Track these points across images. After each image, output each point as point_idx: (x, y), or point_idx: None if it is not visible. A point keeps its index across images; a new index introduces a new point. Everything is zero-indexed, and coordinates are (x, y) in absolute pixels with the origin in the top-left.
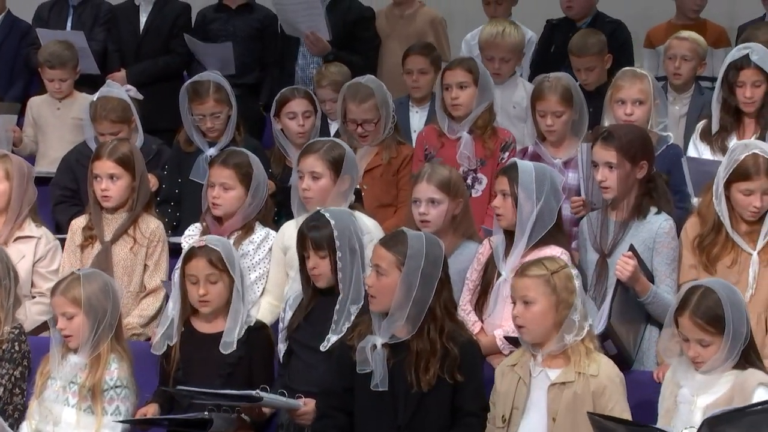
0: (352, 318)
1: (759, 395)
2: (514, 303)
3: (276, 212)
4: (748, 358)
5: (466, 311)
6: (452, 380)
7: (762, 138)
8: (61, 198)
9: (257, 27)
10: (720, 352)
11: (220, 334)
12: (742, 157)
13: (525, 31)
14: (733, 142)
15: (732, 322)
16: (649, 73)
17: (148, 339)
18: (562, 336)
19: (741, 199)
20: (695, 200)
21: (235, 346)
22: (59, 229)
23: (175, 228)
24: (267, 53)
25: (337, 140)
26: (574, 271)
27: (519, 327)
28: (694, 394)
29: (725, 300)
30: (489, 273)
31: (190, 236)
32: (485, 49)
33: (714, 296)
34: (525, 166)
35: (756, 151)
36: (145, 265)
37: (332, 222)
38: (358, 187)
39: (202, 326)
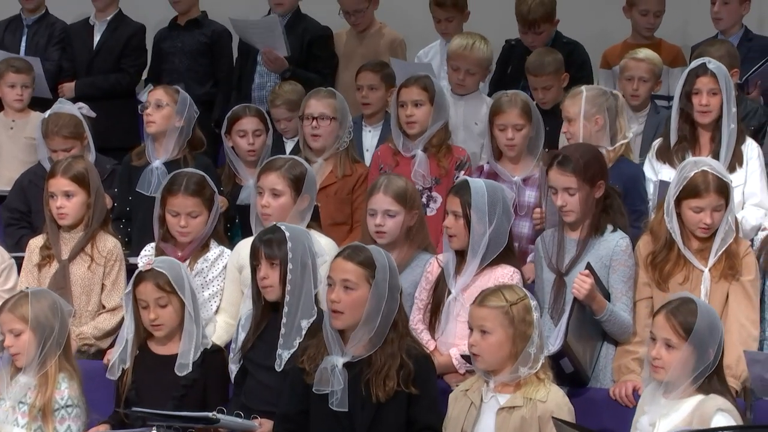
0: (303, 333)
1: (717, 421)
2: (471, 330)
3: (229, 229)
4: (712, 384)
5: (418, 330)
6: (407, 391)
7: (716, 155)
8: (9, 220)
9: (205, 42)
10: (681, 362)
11: (175, 356)
12: (692, 174)
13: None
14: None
15: (700, 335)
16: (589, 89)
17: (99, 351)
18: (518, 368)
19: (691, 217)
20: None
21: (190, 368)
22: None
23: (127, 244)
24: (218, 68)
25: (298, 158)
26: (533, 302)
27: (474, 355)
28: (657, 418)
29: (704, 313)
30: (439, 291)
31: (146, 257)
32: (452, 59)
33: (694, 306)
34: (477, 185)
35: (705, 168)
36: (103, 285)
37: (287, 234)
38: (317, 203)
39: (158, 348)
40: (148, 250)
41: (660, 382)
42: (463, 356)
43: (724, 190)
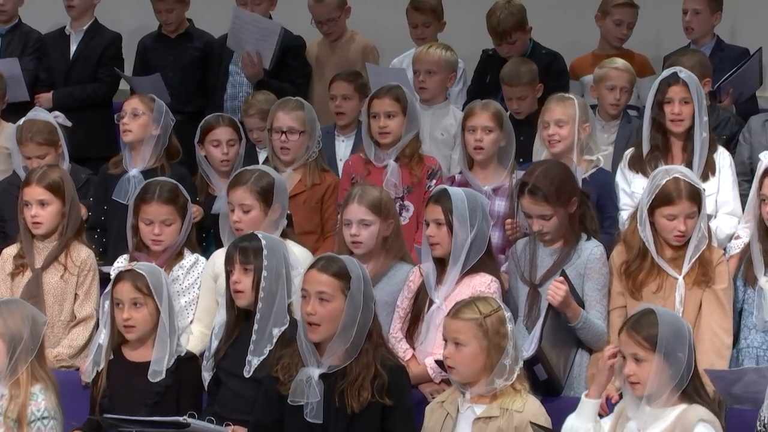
0: (274, 341)
1: (699, 431)
2: (446, 342)
3: (204, 239)
4: (694, 393)
5: (397, 339)
6: (382, 401)
7: (688, 164)
8: None
9: (198, 55)
10: (655, 373)
11: (148, 363)
12: (664, 182)
13: (458, 59)
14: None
15: (665, 342)
16: (577, 98)
17: (77, 370)
18: (493, 380)
19: (665, 224)
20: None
21: (164, 374)
22: None
23: (102, 254)
24: (210, 80)
25: (265, 168)
26: (507, 314)
27: (449, 367)
28: (641, 427)
29: (664, 320)
30: (420, 300)
31: (120, 268)
32: (414, 64)
33: (653, 316)
34: (456, 193)
35: (677, 176)
36: (76, 294)
37: (263, 242)
38: (289, 212)
39: (131, 354)
40: (121, 261)
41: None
42: (437, 362)
43: (696, 197)
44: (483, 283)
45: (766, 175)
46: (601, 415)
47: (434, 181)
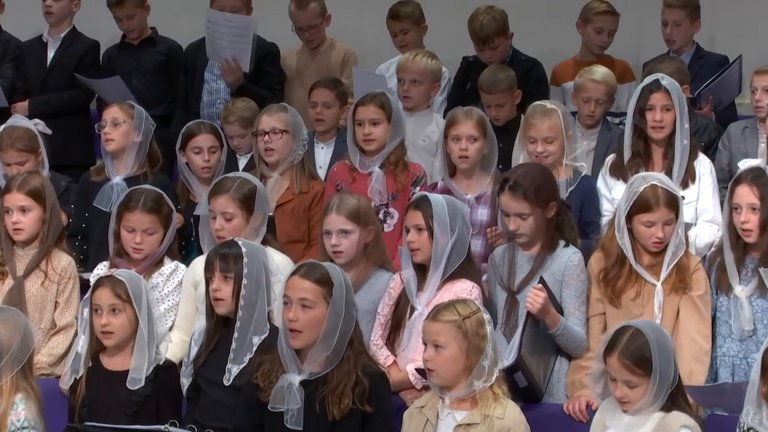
0: (254, 349)
1: None
2: (426, 345)
3: (184, 246)
4: (675, 400)
5: (378, 346)
6: (362, 408)
7: (669, 171)
8: None
9: (162, 59)
10: (647, 395)
11: (127, 372)
12: (641, 189)
13: (442, 66)
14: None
15: (659, 365)
16: (558, 106)
17: (58, 377)
18: (472, 381)
19: (643, 231)
20: None
21: (143, 382)
22: None
23: (83, 261)
24: (176, 84)
25: (247, 176)
26: (486, 316)
27: (429, 370)
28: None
29: (653, 342)
30: (401, 307)
31: (98, 275)
32: (398, 72)
33: (642, 338)
34: (437, 199)
35: (654, 183)
36: (56, 302)
37: (244, 249)
38: (270, 214)
39: (110, 363)
40: (101, 268)
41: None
42: (418, 370)
43: (674, 204)
44: (464, 290)
45: (737, 184)
46: (581, 422)
47: (419, 188)
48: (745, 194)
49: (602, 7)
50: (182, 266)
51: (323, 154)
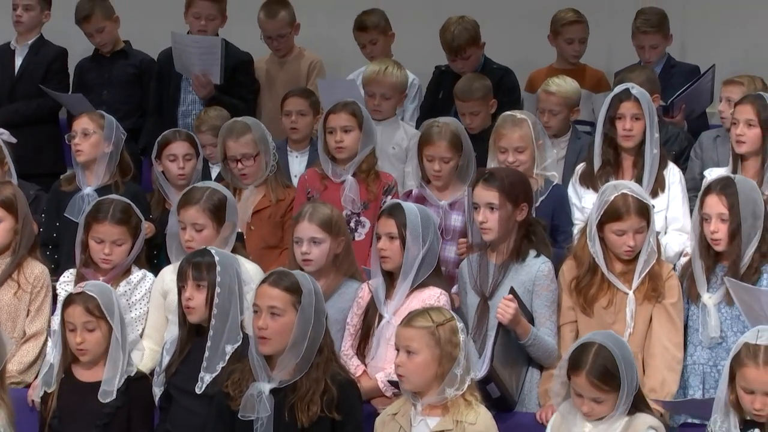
0: (227, 358)
1: None
2: (398, 350)
3: (156, 255)
4: (636, 404)
5: (348, 356)
6: (331, 416)
7: (639, 180)
8: None
9: (134, 72)
10: (616, 408)
11: (99, 383)
12: (612, 197)
13: (408, 74)
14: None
15: (626, 378)
16: (528, 115)
17: (27, 386)
18: (444, 389)
19: (615, 240)
20: None
21: (114, 395)
22: None
23: (54, 271)
24: (147, 97)
25: (215, 185)
26: (460, 324)
27: (400, 376)
28: None
29: (619, 357)
30: (370, 316)
31: (66, 283)
32: (367, 85)
33: (606, 353)
34: (410, 208)
35: (625, 191)
36: (28, 311)
37: (217, 258)
38: (240, 230)
39: (82, 374)
40: (68, 276)
41: None
42: (390, 382)
43: (644, 212)
44: (432, 296)
45: (707, 194)
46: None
47: (390, 197)
48: (714, 204)
49: (569, 17)
50: (150, 275)
51: (297, 163)
